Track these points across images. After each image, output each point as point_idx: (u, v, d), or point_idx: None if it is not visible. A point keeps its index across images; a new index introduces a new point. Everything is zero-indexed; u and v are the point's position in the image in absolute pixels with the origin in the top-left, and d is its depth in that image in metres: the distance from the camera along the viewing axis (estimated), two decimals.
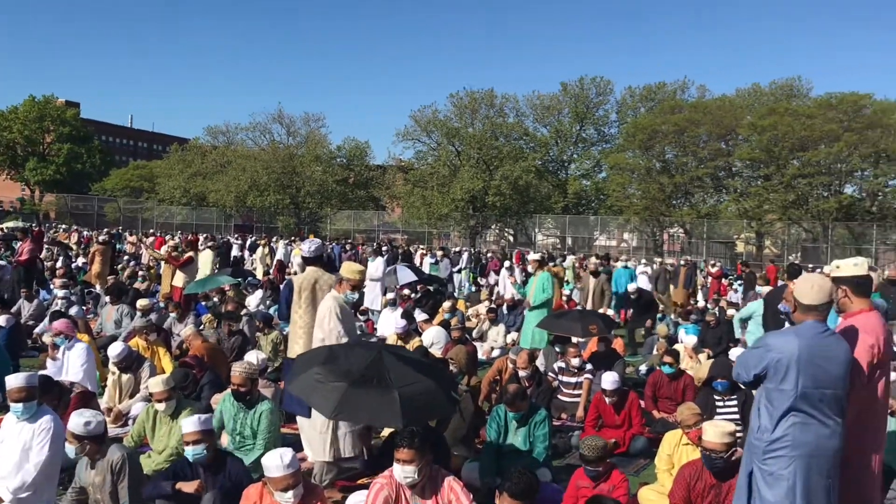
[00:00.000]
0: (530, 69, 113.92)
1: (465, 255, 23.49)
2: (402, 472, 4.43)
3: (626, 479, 5.38)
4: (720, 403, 7.30)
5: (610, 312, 13.34)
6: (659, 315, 15.04)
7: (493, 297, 18.29)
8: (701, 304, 19.50)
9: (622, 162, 54.91)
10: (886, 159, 48.67)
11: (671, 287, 19.20)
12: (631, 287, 15.10)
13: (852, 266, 4.51)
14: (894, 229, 50.26)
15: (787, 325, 4.69)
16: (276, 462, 4.35)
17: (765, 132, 48.63)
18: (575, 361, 8.99)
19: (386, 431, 6.76)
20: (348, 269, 6.31)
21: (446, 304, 13.94)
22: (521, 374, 8.19)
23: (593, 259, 25.69)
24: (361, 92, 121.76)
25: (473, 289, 22.25)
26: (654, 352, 11.36)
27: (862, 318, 4.34)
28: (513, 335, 12.29)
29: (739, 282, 24.67)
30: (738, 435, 5.04)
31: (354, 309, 14.55)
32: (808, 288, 4.06)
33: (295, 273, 17.89)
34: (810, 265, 28.48)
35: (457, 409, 6.48)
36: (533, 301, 10.83)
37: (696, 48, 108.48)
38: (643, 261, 29.36)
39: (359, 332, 11.11)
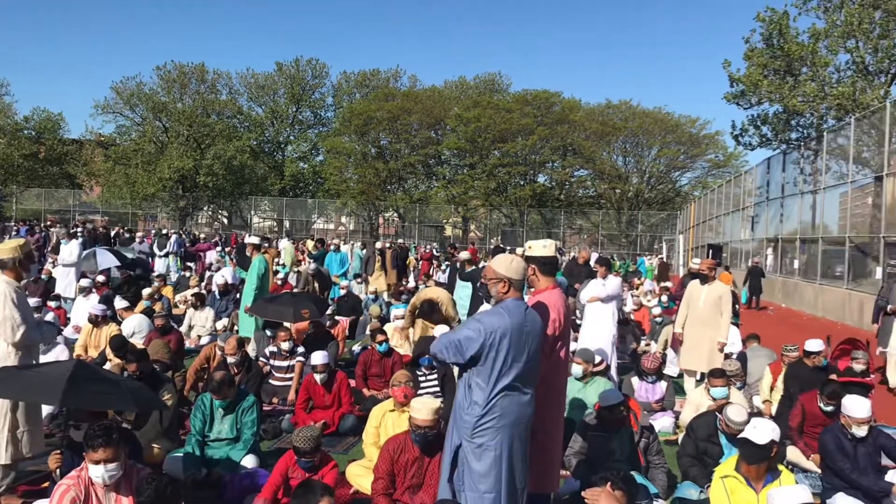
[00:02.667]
0: (244, 45, 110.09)
1: (173, 238, 22.14)
2: (104, 471, 4.06)
3: (336, 464, 5.39)
4: (423, 378, 7.60)
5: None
6: (371, 296, 15.35)
7: (205, 283, 17.50)
8: (412, 284, 20.30)
9: (339, 146, 55.38)
10: (572, 152, 54.31)
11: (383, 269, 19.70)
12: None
13: (542, 247, 4.88)
14: (579, 215, 56.27)
15: (485, 303, 4.94)
16: None
17: (470, 123, 51.79)
18: (285, 345, 8.88)
19: None
20: (2, 247, 5.52)
21: (146, 291, 13.06)
22: (230, 360, 7.89)
23: (310, 242, 25.64)
24: (55, 57, 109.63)
25: (184, 274, 21.10)
26: (368, 331, 11.57)
27: (547, 294, 4.71)
28: (224, 321, 11.82)
29: (447, 263, 26.05)
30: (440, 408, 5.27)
31: (45, 296, 13.16)
32: (508, 263, 4.32)
33: None
34: (509, 247, 30.80)
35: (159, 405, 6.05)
36: (250, 286, 10.48)
37: (408, 37, 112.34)
38: (358, 244, 29.81)
39: (51, 321, 10.04)
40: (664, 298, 15.95)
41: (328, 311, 11.51)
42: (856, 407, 5.55)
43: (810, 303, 21.42)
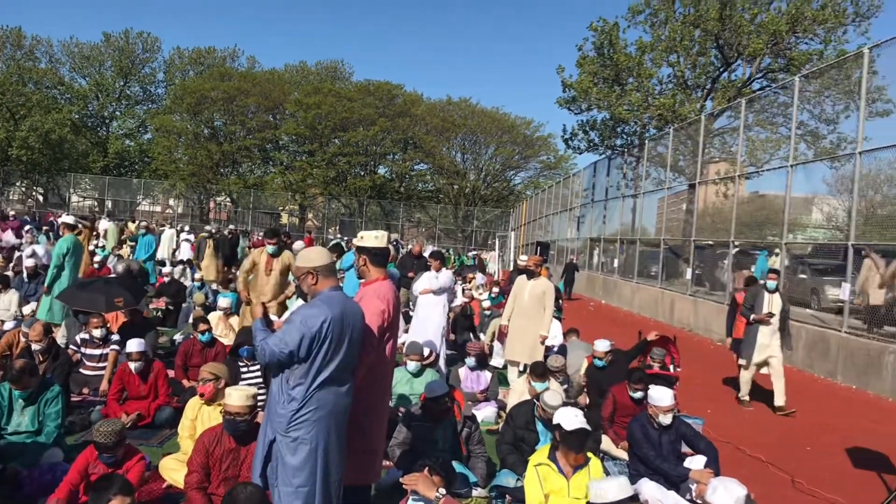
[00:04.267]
0: (68, 12, 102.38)
1: None
2: None
3: (144, 457, 5.11)
4: (244, 369, 7.38)
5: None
6: (197, 283, 14.74)
7: (13, 263, 16.10)
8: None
9: (169, 124, 52.80)
10: (413, 146, 54.78)
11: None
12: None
13: (373, 238, 4.84)
14: (417, 208, 56.88)
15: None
16: None
17: (310, 110, 50.98)
18: (97, 333, 8.33)
19: None
20: None
21: None
22: (35, 347, 7.30)
23: (132, 224, 24.27)
24: None
25: None
26: (190, 320, 11.09)
27: (377, 285, 4.68)
28: (32, 305, 10.92)
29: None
30: (261, 399, 5.11)
31: None
32: (307, 254, 4.24)
33: None
34: (346, 238, 30.63)
35: None
36: (51, 267, 9.74)
37: (247, 17, 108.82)
38: (187, 227, 28.60)
39: None
40: (495, 290, 16.40)
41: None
42: (660, 396, 5.93)
43: (627, 300, 22.79)
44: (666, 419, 5.90)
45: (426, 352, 8.27)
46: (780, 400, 9.44)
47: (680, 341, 9.63)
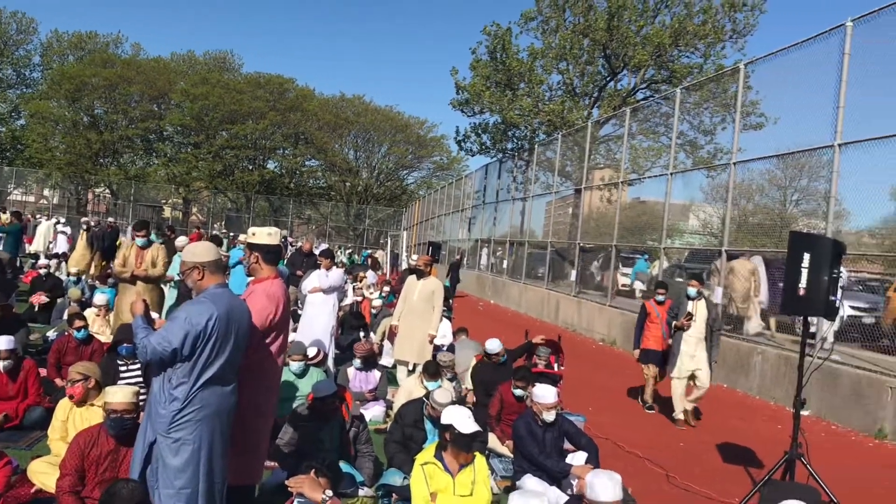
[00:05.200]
0: None
1: None
2: None
3: (11, 461, 4.82)
4: (123, 368, 7.08)
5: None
6: (73, 278, 14.03)
7: None
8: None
9: (45, 111, 49.98)
10: (304, 141, 54.01)
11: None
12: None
13: (266, 235, 4.75)
14: (308, 205, 56.12)
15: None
16: None
17: (197, 101, 49.45)
18: None
19: None
20: None
21: None
22: None
23: (3, 215, 22.86)
24: None
25: None
26: (65, 316, 10.56)
27: (267, 284, 4.60)
28: None
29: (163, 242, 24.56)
30: (142, 398, 4.92)
31: None
32: (194, 248, 4.14)
33: None
34: (232, 233, 29.87)
35: None
36: None
37: (132, 4, 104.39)
38: (63, 219, 27.14)
39: None
40: (386, 290, 16.38)
41: None
42: (544, 394, 6.09)
43: (515, 300, 23.27)
44: (550, 416, 6.05)
45: (312, 351, 8.18)
46: (683, 406, 9.17)
47: (564, 341, 9.90)
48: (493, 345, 8.57)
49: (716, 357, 9.05)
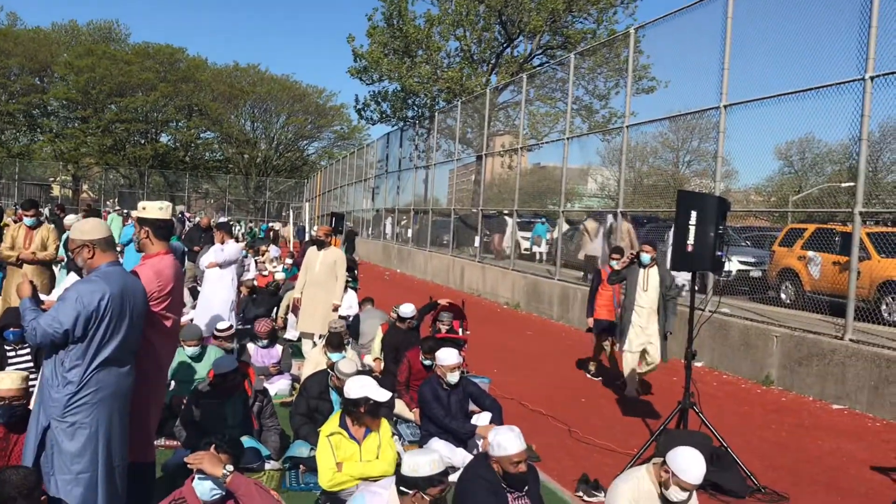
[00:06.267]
0: None
1: None
2: None
3: None
4: (12, 354, 6.77)
5: None
6: None
7: None
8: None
9: None
10: (199, 113, 52.32)
11: None
12: None
13: (157, 209, 4.59)
14: (205, 179, 54.59)
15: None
16: None
17: (82, 73, 47.17)
18: None
19: None
20: None
21: None
22: None
23: None
24: None
25: None
26: None
27: (158, 259, 4.46)
28: None
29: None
30: (32, 383, 4.72)
31: None
32: (81, 226, 3.97)
33: None
34: (126, 210, 28.78)
35: None
36: None
37: None
38: None
39: None
40: (288, 262, 16.16)
41: None
42: (446, 356, 6.18)
43: (421, 268, 23.38)
44: (453, 377, 6.14)
45: (224, 325, 8.03)
46: (636, 383, 8.69)
47: (469, 306, 10.04)
48: (407, 309, 8.61)
49: (671, 327, 8.22)
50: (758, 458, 6.46)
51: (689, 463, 3.81)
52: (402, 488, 3.62)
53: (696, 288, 6.58)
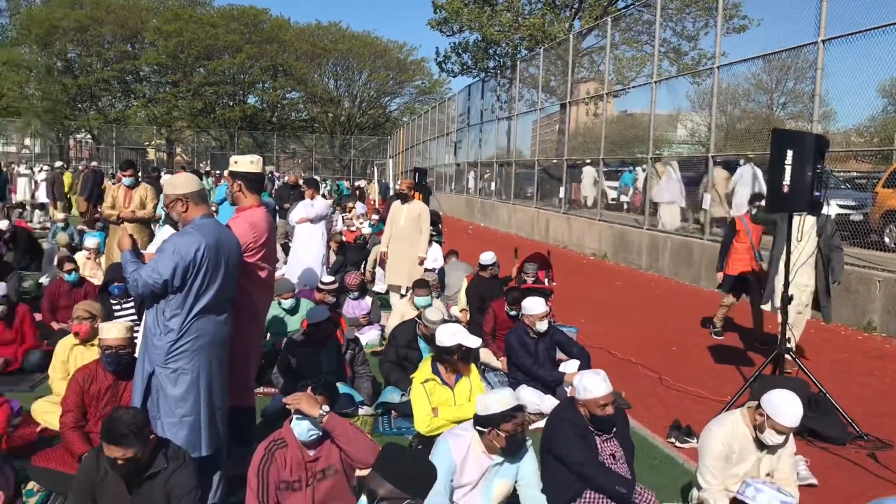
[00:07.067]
0: None
1: None
2: None
3: (8, 401, 4.89)
4: (117, 307, 7.13)
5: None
6: (60, 225, 13.95)
7: None
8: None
9: (17, 58, 48.67)
10: (283, 73, 53.07)
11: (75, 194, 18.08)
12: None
13: (248, 163, 4.73)
14: (292, 139, 55.55)
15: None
16: None
17: (170, 38, 48.35)
18: None
19: None
20: None
21: None
22: None
23: None
24: None
25: None
26: (55, 261, 10.54)
27: (251, 212, 4.60)
28: None
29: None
30: (136, 332, 4.96)
31: None
32: (174, 180, 4.10)
33: None
34: (217, 172, 29.61)
35: None
36: None
37: None
38: (45, 167, 26.85)
39: None
40: (374, 218, 16.38)
41: None
42: (533, 305, 6.17)
43: (505, 221, 23.31)
44: (542, 325, 6.14)
45: (328, 279, 8.20)
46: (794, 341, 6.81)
47: (555, 257, 9.94)
48: (487, 257, 8.65)
49: (839, 277, 7.15)
50: (859, 405, 6.25)
51: (785, 405, 3.70)
52: (478, 428, 3.67)
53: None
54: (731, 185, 12.74)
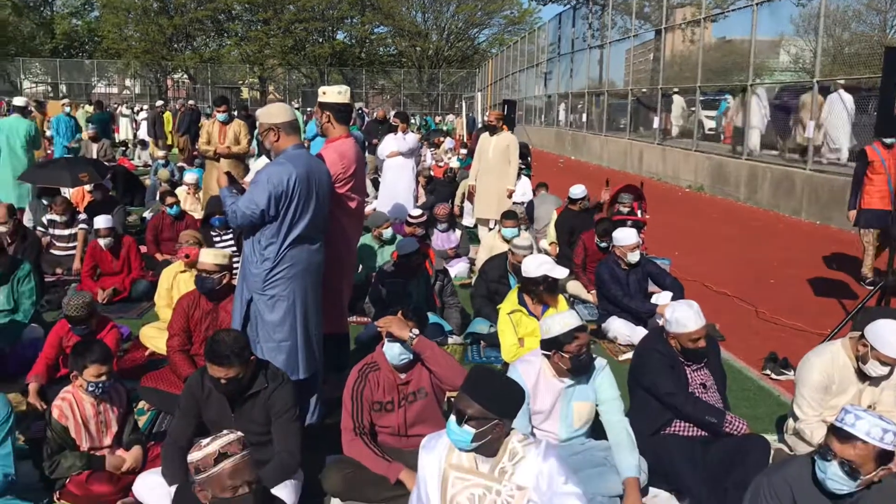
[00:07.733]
0: None
1: None
2: None
3: (116, 326, 5.19)
4: (217, 239, 7.40)
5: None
6: (161, 161, 14.48)
7: None
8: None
9: (116, 1, 50.10)
10: (371, 7, 52.80)
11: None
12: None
13: (336, 94, 4.76)
14: (381, 75, 55.55)
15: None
16: None
17: None
18: (60, 218, 8.23)
19: None
20: None
21: None
22: (1, 230, 7.23)
23: (88, 106, 23.59)
24: None
25: None
26: (157, 196, 11.00)
27: (340, 142, 4.65)
28: None
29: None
30: (235, 261, 5.14)
31: None
32: (267, 110, 4.17)
33: None
34: (308, 109, 30.03)
35: None
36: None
37: None
38: (146, 107, 27.84)
39: None
40: (463, 153, 16.32)
41: None
42: (624, 236, 6.06)
43: (597, 153, 22.85)
44: (634, 256, 6.03)
45: (417, 212, 8.20)
46: None
47: (648, 188, 9.70)
48: (577, 190, 8.51)
49: None
50: None
51: (891, 335, 3.53)
52: (544, 352, 3.67)
53: None
54: (823, 113, 12.10)
